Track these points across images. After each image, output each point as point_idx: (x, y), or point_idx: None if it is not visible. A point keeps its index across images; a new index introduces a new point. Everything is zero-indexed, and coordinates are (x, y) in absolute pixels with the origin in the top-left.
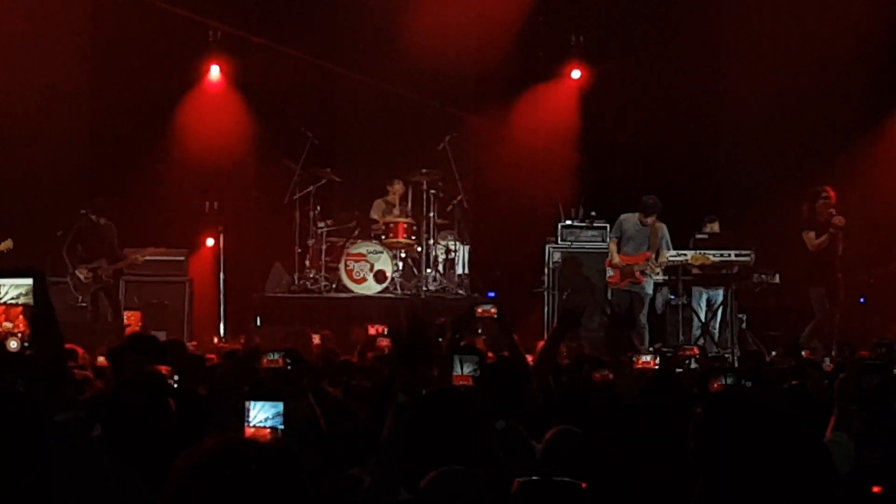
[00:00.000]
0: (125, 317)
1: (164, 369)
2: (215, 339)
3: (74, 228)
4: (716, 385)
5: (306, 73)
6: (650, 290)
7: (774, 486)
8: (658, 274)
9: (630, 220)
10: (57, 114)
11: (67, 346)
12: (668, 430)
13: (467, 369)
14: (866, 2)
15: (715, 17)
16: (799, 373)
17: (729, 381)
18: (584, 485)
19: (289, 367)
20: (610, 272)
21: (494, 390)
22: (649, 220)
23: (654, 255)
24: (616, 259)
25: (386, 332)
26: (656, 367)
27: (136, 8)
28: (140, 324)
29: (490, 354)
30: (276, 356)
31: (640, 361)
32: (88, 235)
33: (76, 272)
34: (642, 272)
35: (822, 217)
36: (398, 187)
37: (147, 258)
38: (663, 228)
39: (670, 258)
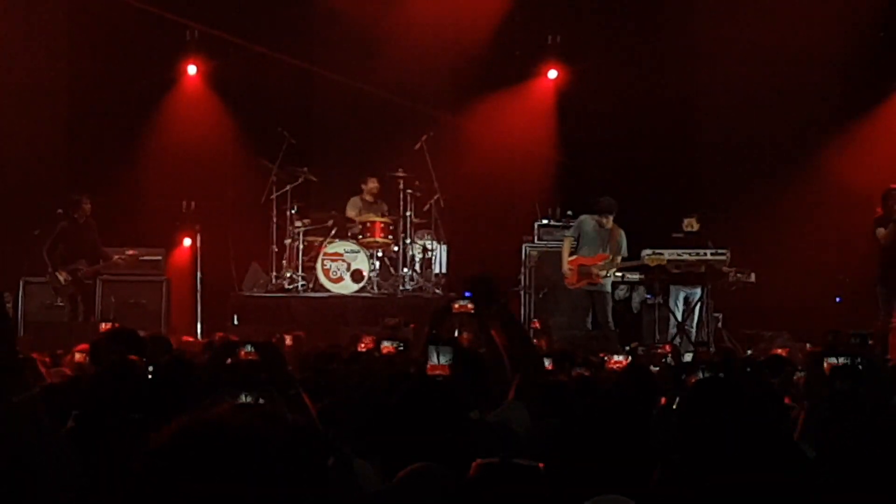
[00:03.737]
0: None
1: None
2: (190, 338)
3: (58, 228)
4: (692, 379)
5: (284, 73)
6: (609, 289)
7: (744, 475)
8: (612, 276)
9: (589, 221)
10: (34, 112)
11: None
12: (635, 421)
13: (443, 359)
14: (843, 1)
15: (691, 16)
16: (775, 369)
17: (706, 374)
18: (541, 465)
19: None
20: (566, 273)
21: (469, 381)
22: (607, 221)
23: (611, 257)
24: (565, 265)
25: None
26: (629, 365)
27: (113, 7)
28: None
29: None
30: (252, 349)
31: (612, 361)
32: (70, 235)
33: (56, 273)
34: (599, 273)
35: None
36: (373, 185)
37: (125, 257)
38: (622, 233)
39: (623, 262)
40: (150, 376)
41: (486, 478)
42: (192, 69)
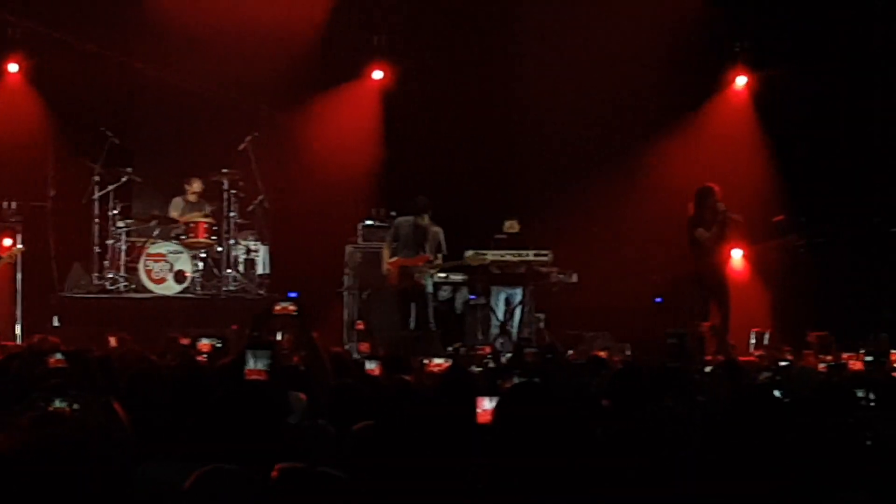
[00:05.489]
0: None
1: None
2: (9, 342)
3: None
4: (507, 384)
5: (107, 71)
6: (431, 289)
7: (557, 476)
8: (435, 276)
9: (405, 223)
10: None
11: None
12: (457, 423)
13: (260, 364)
14: (664, 8)
15: (514, 18)
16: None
17: (520, 379)
18: (342, 473)
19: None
20: (387, 274)
21: (288, 385)
22: (423, 220)
23: (432, 257)
24: (385, 266)
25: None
26: (449, 368)
27: None
28: None
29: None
30: (61, 356)
31: (432, 364)
32: None
33: None
34: (420, 274)
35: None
36: (196, 185)
37: None
38: (440, 232)
39: (445, 261)
40: None
41: (288, 483)
42: (13, 67)
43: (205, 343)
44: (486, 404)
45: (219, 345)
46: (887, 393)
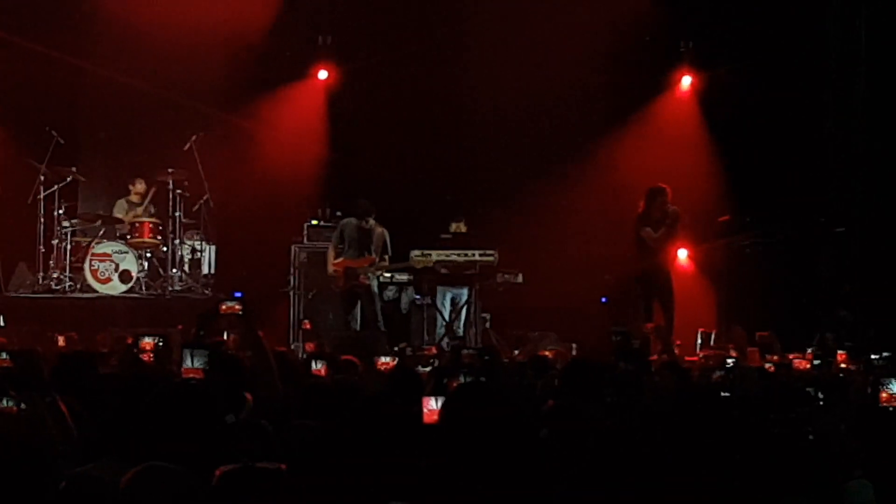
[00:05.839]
0: None
1: None
2: None
3: None
4: (454, 384)
5: (52, 71)
6: (377, 289)
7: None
8: (380, 277)
9: (350, 224)
10: None
11: None
12: (405, 422)
13: (198, 362)
14: (610, 8)
15: (463, 19)
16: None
17: (466, 379)
18: (283, 466)
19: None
20: (332, 275)
21: (227, 384)
22: (367, 224)
23: (377, 259)
24: (330, 268)
25: None
26: (396, 366)
27: None
28: None
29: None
30: (6, 356)
31: (380, 362)
32: None
33: None
34: (365, 275)
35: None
36: (140, 186)
37: None
38: (384, 233)
39: (391, 263)
40: None
41: (229, 484)
42: None
43: (147, 341)
44: (432, 404)
45: (160, 343)
46: (834, 392)
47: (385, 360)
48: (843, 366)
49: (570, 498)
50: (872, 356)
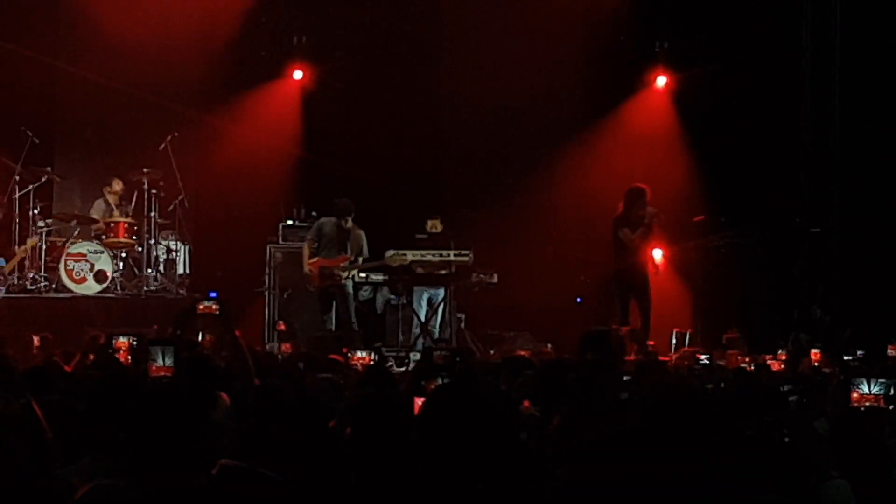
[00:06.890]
0: None
1: None
2: None
3: None
4: (432, 385)
5: (27, 70)
6: (351, 289)
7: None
8: (356, 277)
9: (328, 223)
10: None
11: None
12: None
13: (167, 360)
14: (585, 8)
15: (438, 20)
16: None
17: (444, 380)
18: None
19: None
20: (308, 274)
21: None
22: (345, 223)
23: (353, 258)
24: (306, 267)
25: None
26: (372, 363)
27: None
28: None
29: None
30: None
31: (356, 358)
32: None
33: None
34: (341, 274)
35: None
36: (117, 187)
37: None
38: (362, 235)
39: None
40: None
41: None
42: None
43: (122, 341)
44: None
45: (135, 342)
46: (809, 393)
47: (361, 356)
48: (816, 365)
49: (550, 498)
50: (845, 357)
